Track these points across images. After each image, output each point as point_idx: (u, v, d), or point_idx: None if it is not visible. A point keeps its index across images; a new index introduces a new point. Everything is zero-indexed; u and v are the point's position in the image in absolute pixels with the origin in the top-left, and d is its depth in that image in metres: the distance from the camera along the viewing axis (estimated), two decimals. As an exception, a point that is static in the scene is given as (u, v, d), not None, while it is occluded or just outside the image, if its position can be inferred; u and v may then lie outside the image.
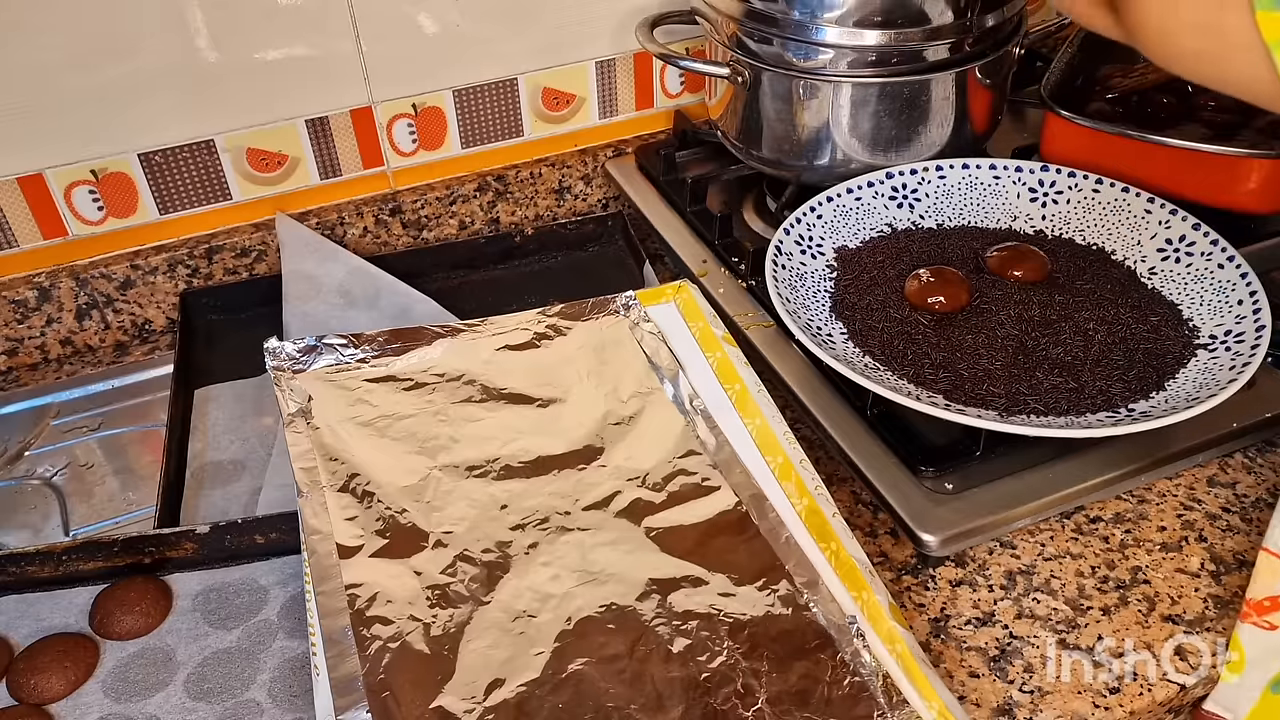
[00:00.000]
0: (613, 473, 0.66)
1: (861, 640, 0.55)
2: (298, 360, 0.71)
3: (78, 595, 0.63)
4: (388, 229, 0.96)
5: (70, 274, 0.86)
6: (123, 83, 0.81)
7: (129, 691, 0.58)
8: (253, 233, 0.91)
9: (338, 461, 0.65)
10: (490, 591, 0.58)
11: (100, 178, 0.84)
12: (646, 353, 0.74)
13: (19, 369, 0.88)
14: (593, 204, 1.03)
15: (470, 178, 0.97)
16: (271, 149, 0.89)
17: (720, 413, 0.69)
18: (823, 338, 0.70)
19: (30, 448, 0.82)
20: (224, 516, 0.67)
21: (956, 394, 0.66)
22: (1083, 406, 0.64)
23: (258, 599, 0.63)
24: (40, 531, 0.75)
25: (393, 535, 0.61)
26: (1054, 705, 0.58)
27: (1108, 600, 0.63)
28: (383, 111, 0.91)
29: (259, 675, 0.59)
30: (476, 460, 0.66)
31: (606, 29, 0.95)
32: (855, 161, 0.83)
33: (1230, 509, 0.68)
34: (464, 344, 0.74)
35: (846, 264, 0.78)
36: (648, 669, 0.54)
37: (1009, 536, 0.67)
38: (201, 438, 0.78)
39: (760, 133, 0.86)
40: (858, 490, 0.71)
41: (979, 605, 0.63)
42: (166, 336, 0.91)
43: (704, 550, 0.61)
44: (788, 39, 0.79)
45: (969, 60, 0.80)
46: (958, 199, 0.83)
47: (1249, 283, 0.70)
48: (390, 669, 0.54)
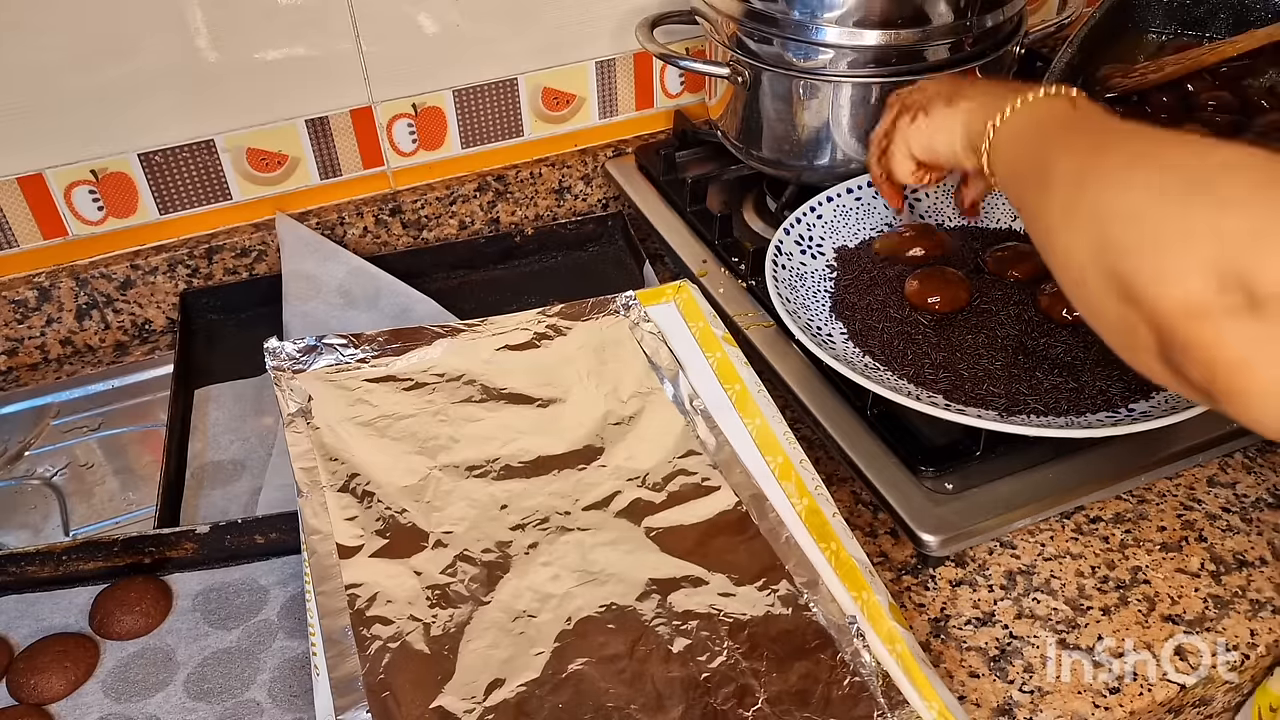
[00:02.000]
0: (613, 473, 0.66)
1: (861, 640, 0.55)
2: (298, 360, 0.71)
3: (78, 595, 0.63)
4: (388, 229, 0.96)
5: (70, 274, 0.86)
6: (123, 83, 0.81)
7: (129, 691, 0.58)
8: (253, 233, 0.91)
9: (338, 461, 0.65)
10: (490, 591, 0.58)
11: (100, 178, 0.84)
12: (646, 353, 0.74)
13: (19, 369, 0.88)
14: (593, 204, 1.03)
15: (470, 178, 0.97)
16: (271, 149, 0.89)
17: (720, 413, 0.69)
18: (823, 338, 0.70)
19: (30, 448, 0.82)
20: (224, 516, 0.67)
21: (956, 394, 0.66)
22: (1083, 406, 0.64)
23: (258, 599, 0.63)
24: (40, 531, 0.75)
25: (393, 535, 0.61)
26: (1054, 705, 0.58)
27: (1108, 600, 0.63)
28: (383, 111, 0.91)
29: (259, 675, 0.59)
30: (476, 460, 0.66)
31: (606, 29, 0.95)
32: (855, 161, 0.83)
33: (1230, 509, 0.68)
34: (464, 344, 0.74)
35: (846, 264, 0.78)
36: (648, 669, 0.54)
37: (1009, 536, 0.67)
38: (201, 438, 0.78)
39: (760, 133, 0.86)
40: (858, 490, 0.71)
41: (979, 605, 0.63)
42: (166, 336, 0.91)
43: (704, 550, 0.61)
44: (788, 39, 0.79)
45: (969, 60, 0.80)
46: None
47: (1249, 283, 0.70)
48: (390, 669, 0.54)
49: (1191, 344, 0.39)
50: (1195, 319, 0.38)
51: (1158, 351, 0.41)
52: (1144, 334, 0.42)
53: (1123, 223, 0.42)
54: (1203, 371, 0.39)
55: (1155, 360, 0.42)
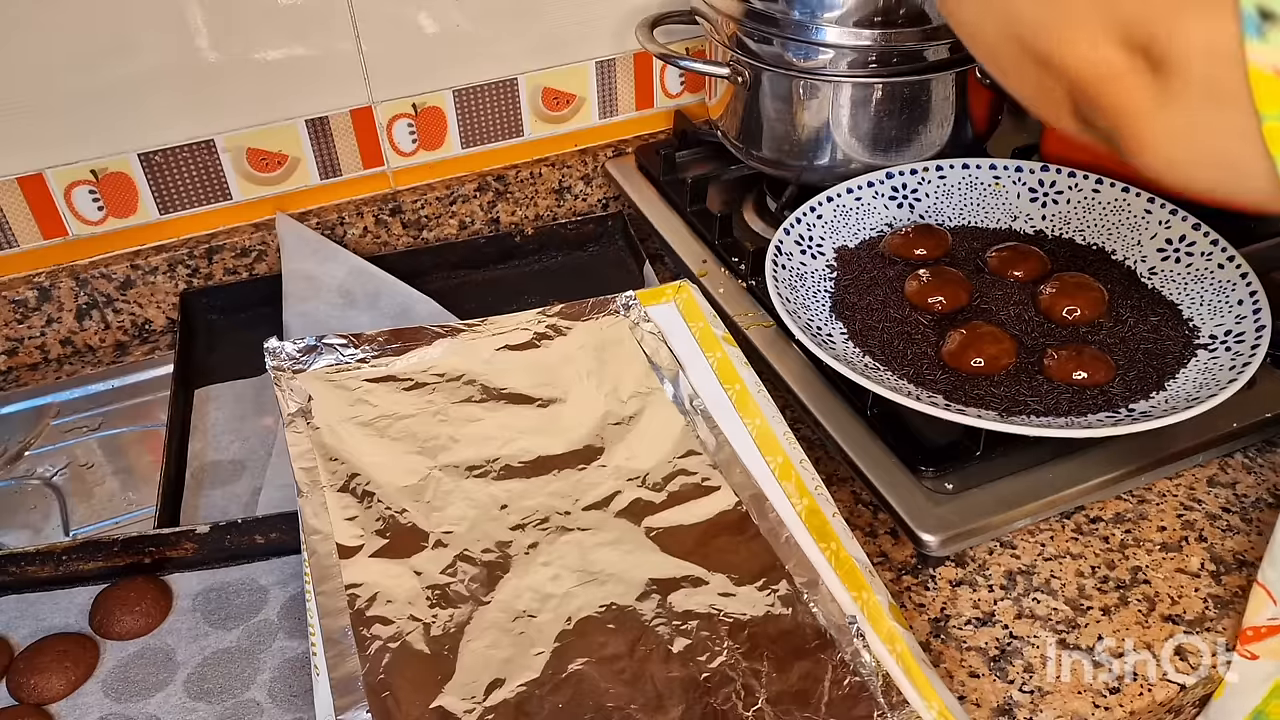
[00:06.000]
0: (613, 473, 0.66)
1: (861, 640, 0.55)
2: (298, 360, 0.71)
3: (78, 595, 0.63)
4: (388, 229, 0.96)
5: (70, 274, 0.86)
6: (123, 83, 0.81)
7: (129, 691, 0.58)
8: (253, 233, 0.91)
9: (338, 461, 0.65)
10: (490, 591, 0.58)
11: (100, 178, 0.84)
12: (646, 353, 0.74)
13: (19, 369, 0.88)
14: (593, 204, 1.03)
15: (470, 178, 0.97)
16: (271, 149, 0.89)
17: (720, 413, 0.69)
18: (823, 338, 0.70)
19: (30, 448, 0.82)
20: (224, 516, 0.67)
21: (956, 394, 0.66)
22: (1083, 406, 0.64)
23: (258, 599, 0.63)
24: (40, 531, 0.75)
25: (393, 535, 0.61)
26: (1054, 705, 0.58)
27: (1108, 600, 0.63)
28: (383, 111, 0.91)
29: (259, 675, 0.59)
30: (476, 460, 0.66)
31: (606, 29, 0.95)
32: (855, 161, 0.83)
33: (1230, 509, 0.68)
34: (464, 344, 0.74)
35: (846, 264, 0.78)
36: (648, 669, 0.54)
37: (1009, 536, 0.67)
38: (201, 438, 0.78)
39: (760, 133, 0.86)
40: (858, 490, 0.71)
41: (979, 605, 0.63)
42: (166, 336, 0.91)
43: (704, 550, 0.61)
44: (788, 39, 0.79)
45: (969, 60, 0.80)
46: (958, 199, 0.83)
47: (1249, 283, 0.70)
48: (390, 669, 0.54)
49: (1101, 102, 0.43)
50: (1105, 82, 0.42)
51: (1071, 109, 0.45)
52: (1059, 95, 0.45)
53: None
54: (1108, 122, 0.43)
55: (1069, 116, 0.46)
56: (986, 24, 0.48)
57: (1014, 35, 0.46)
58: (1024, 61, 0.46)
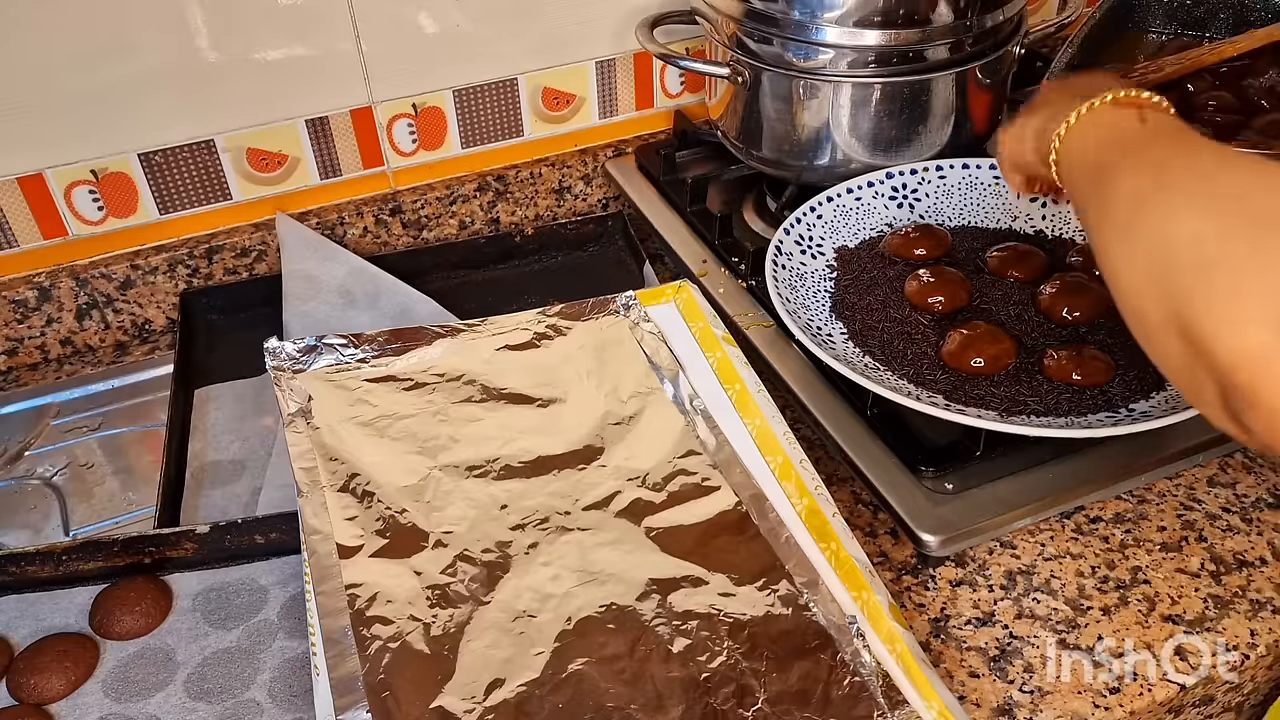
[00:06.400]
0: (613, 473, 0.66)
1: (861, 640, 0.55)
2: (298, 360, 0.71)
3: (78, 595, 0.63)
4: (388, 229, 0.96)
5: (70, 274, 0.86)
6: (123, 83, 0.81)
7: (129, 691, 0.58)
8: (253, 233, 0.91)
9: (338, 461, 0.65)
10: (490, 591, 0.58)
11: (100, 178, 0.84)
12: (646, 353, 0.74)
13: (19, 369, 0.88)
14: (593, 204, 1.03)
15: (470, 178, 0.97)
16: (271, 149, 0.89)
17: (720, 413, 0.69)
18: (823, 338, 0.70)
19: (30, 448, 0.82)
20: (224, 516, 0.67)
21: (956, 394, 0.66)
22: (1083, 407, 0.64)
23: (258, 599, 0.63)
24: (40, 531, 0.75)
25: (393, 535, 0.61)
26: (1054, 705, 0.58)
27: (1108, 600, 0.63)
28: (383, 111, 0.91)
29: (259, 675, 0.59)
30: (476, 460, 0.66)
31: (606, 29, 0.95)
32: (855, 161, 0.83)
33: (1230, 509, 0.68)
34: (464, 344, 0.74)
35: (846, 264, 0.78)
36: (648, 669, 0.54)
37: (1009, 536, 0.67)
38: (201, 438, 0.78)
39: (760, 133, 0.86)
40: (858, 490, 0.71)
41: (979, 605, 0.63)
42: (166, 336, 0.91)
43: (704, 550, 0.61)
44: (788, 39, 0.79)
45: (969, 60, 0.80)
46: (958, 199, 0.83)
47: (1249, 283, 0.70)
48: (390, 669, 0.54)
49: (1253, 397, 0.37)
50: (1257, 370, 0.36)
51: (1220, 401, 0.39)
52: (1204, 379, 0.39)
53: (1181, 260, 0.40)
54: (1265, 425, 0.37)
55: (1219, 410, 0.40)
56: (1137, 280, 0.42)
57: (1164, 303, 0.41)
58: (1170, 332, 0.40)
